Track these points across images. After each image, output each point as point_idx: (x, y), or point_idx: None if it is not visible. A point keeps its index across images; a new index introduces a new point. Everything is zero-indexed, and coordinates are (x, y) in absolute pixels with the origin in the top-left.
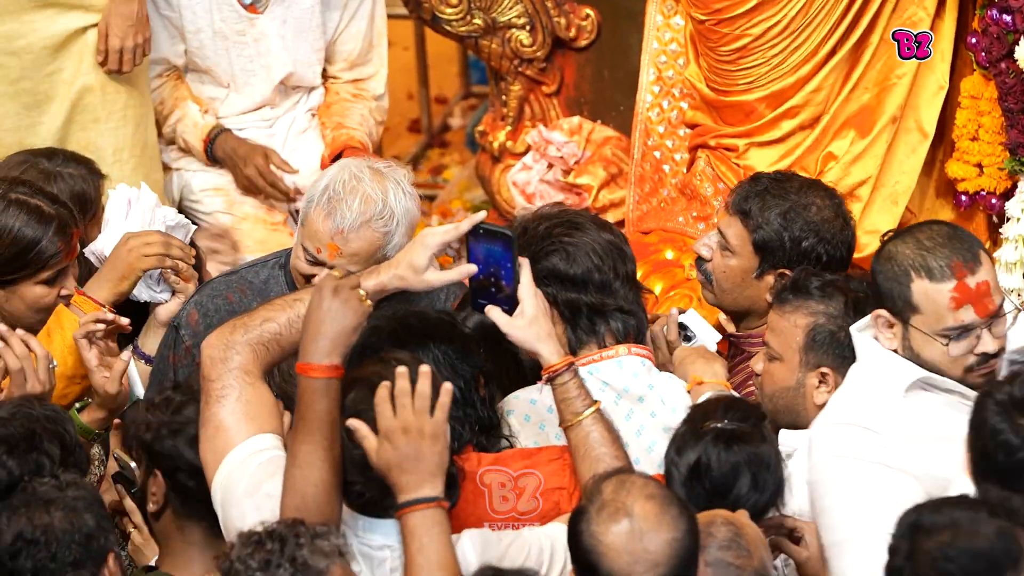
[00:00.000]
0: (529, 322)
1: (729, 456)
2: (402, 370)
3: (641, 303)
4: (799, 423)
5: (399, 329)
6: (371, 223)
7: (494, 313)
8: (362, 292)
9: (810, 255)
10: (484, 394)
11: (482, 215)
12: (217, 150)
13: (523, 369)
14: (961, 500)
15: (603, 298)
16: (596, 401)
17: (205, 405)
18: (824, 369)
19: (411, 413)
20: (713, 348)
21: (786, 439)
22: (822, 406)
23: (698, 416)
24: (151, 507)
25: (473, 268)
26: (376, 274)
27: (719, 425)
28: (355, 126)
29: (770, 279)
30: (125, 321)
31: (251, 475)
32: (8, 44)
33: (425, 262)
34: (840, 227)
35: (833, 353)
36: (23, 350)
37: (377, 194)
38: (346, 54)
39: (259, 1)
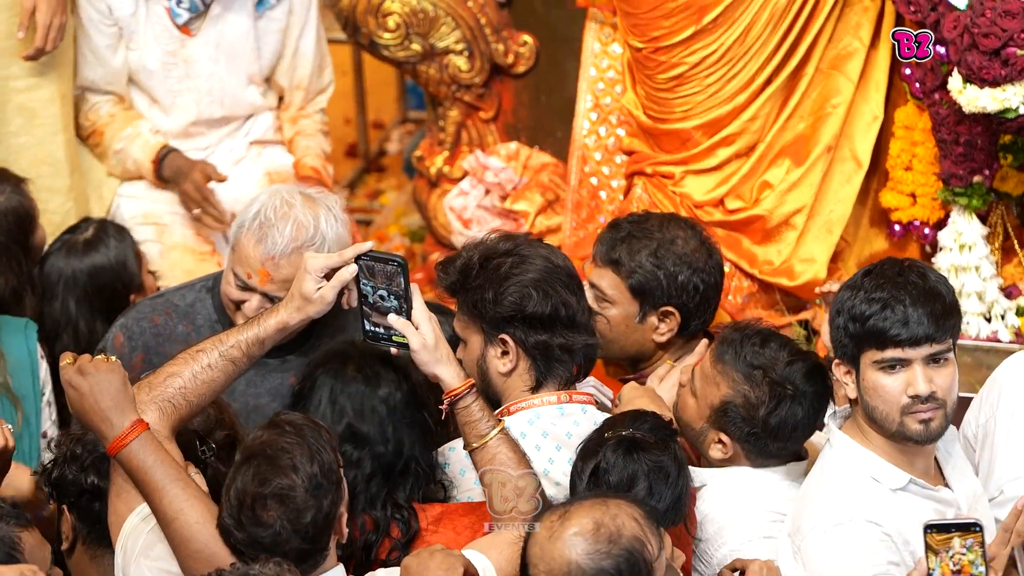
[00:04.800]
0: (427, 346)
1: (627, 463)
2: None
3: (594, 329)
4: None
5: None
6: (303, 249)
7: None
8: (101, 356)
9: (687, 287)
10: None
11: (368, 245)
12: (165, 169)
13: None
14: None
15: (572, 335)
16: (500, 420)
17: (114, 465)
18: (724, 437)
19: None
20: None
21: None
22: (717, 460)
23: (606, 425)
24: (64, 546)
25: (354, 268)
26: (275, 314)
27: (623, 433)
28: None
29: (653, 320)
30: None
31: (147, 535)
32: None
33: (313, 287)
34: (707, 254)
35: (736, 429)
36: None
37: (309, 220)
38: (297, 80)
39: (192, 23)
